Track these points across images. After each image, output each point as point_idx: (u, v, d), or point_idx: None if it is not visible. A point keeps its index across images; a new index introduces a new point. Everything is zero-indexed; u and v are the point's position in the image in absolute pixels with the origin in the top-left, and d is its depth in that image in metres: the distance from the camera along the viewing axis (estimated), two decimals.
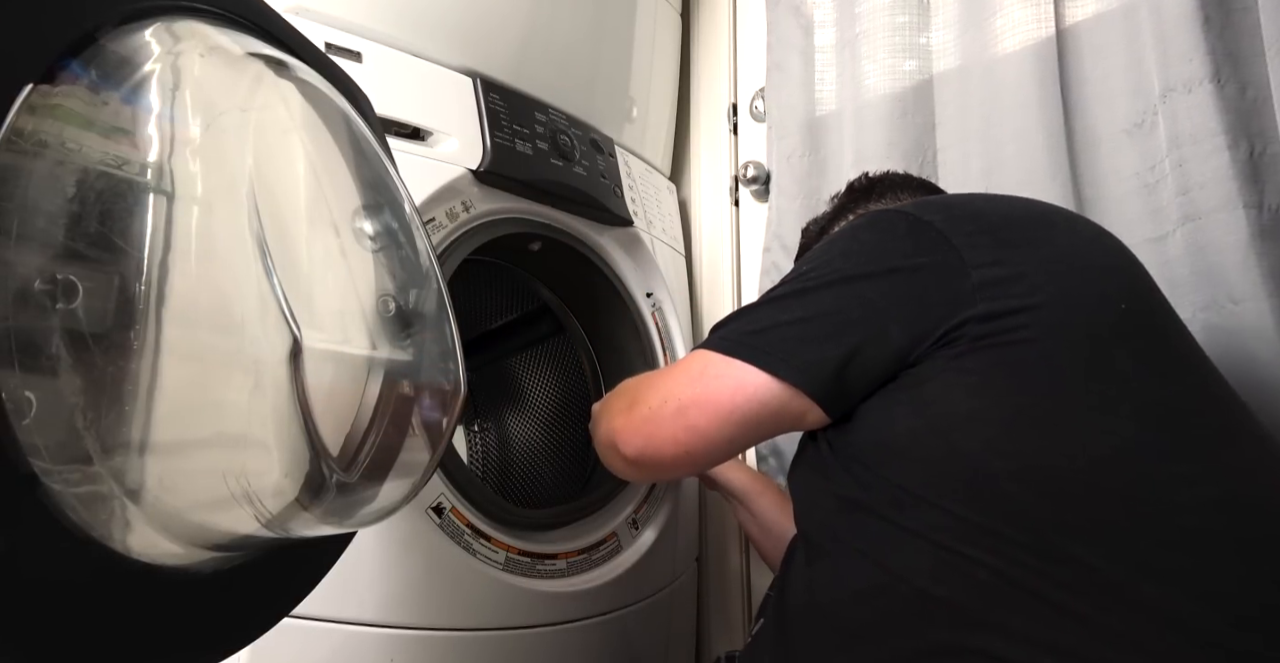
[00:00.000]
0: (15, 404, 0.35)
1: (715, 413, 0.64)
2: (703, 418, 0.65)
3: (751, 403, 0.63)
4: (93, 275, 0.39)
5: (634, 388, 0.73)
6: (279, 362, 0.47)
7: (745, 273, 1.34)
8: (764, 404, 0.63)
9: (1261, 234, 0.81)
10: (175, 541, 0.45)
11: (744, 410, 0.64)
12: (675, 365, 0.70)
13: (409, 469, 0.59)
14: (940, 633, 0.52)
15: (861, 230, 0.68)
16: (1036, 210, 0.69)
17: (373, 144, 0.61)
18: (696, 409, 0.65)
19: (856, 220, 0.72)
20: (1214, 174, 0.83)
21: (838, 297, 0.63)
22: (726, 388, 0.64)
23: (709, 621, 1.25)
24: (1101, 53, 0.96)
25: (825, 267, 0.65)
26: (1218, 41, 0.84)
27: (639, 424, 0.68)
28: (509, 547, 0.87)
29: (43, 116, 0.38)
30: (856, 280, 0.63)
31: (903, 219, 0.65)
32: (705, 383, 0.65)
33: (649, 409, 0.68)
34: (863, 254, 0.65)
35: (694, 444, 0.66)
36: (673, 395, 0.66)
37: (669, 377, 0.69)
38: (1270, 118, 0.82)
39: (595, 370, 1.18)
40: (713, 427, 0.65)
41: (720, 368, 0.64)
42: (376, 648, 0.76)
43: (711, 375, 0.65)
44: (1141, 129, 0.92)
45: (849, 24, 1.17)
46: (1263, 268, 0.80)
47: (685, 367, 0.68)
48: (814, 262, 0.67)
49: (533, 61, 1.04)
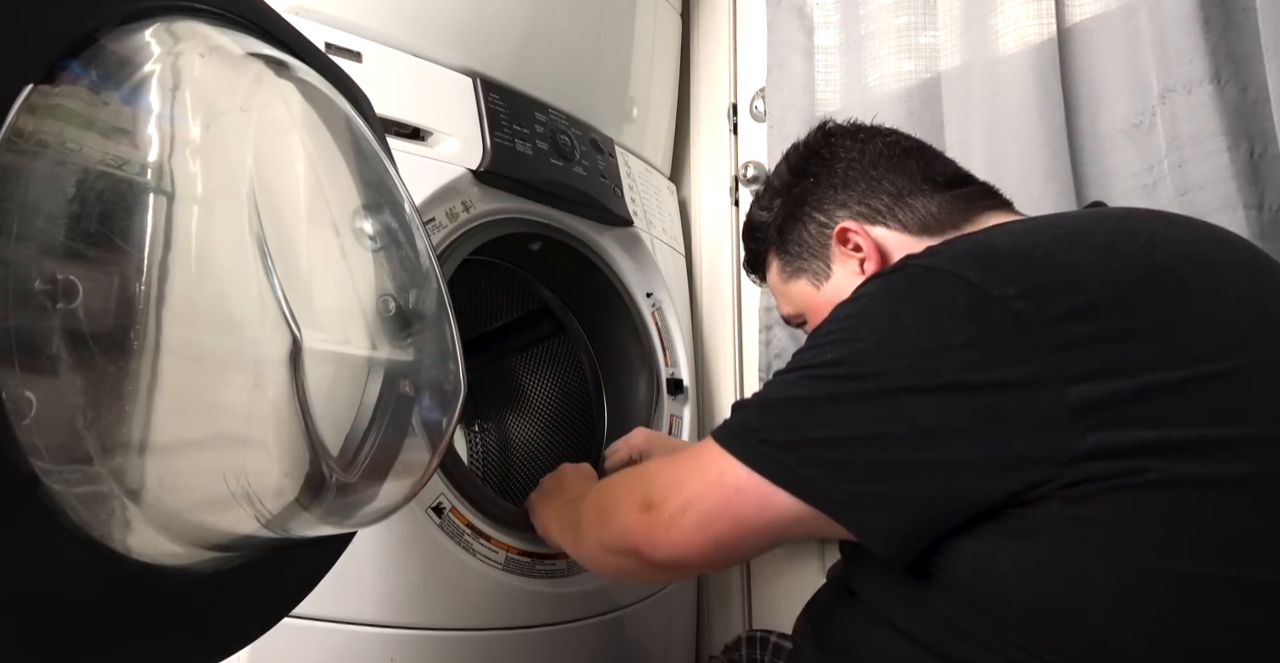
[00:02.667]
0: (15, 404, 0.35)
1: (743, 531, 0.56)
2: (730, 534, 0.56)
3: (785, 523, 0.54)
4: (93, 275, 0.39)
5: (639, 483, 0.64)
6: (279, 362, 0.47)
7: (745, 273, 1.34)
8: (802, 523, 0.54)
9: (1261, 235, 0.81)
10: (175, 540, 0.45)
11: (776, 529, 0.55)
12: (691, 457, 0.60)
13: (409, 469, 0.59)
14: None
15: (901, 304, 0.52)
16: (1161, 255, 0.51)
17: (373, 144, 0.61)
18: (722, 524, 0.56)
19: (889, 279, 0.54)
20: (1214, 175, 0.83)
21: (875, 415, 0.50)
22: (752, 506, 0.54)
23: (709, 621, 1.25)
24: (1102, 53, 0.96)
25: (854, 360, 0.52)
26: (1218, 42, 0.84)
27: (662, 528, 0.58)
28: (509, 547, 0.87)
29: (43, 117, 0.38)
30: (899, 395, 0.49)
31: (961, 290, 0.49)
32: (726, 495, 0.55)
33: (669, 515, 0.58)
34: (908, 353, 0.50)
35: (723, 555, 0.58)
36: (692, 502, 0.57)
37: (683, 474, 0.59)
38: (1270, 119, 0.82)
39: (595, 370, 1.18)
40: (744, 542, 0.57)
41: (741, 481, 0.54)
42: (376, 648, 0.76)
43: (731, 487, 0.55)
44: (1140, 129, 0.92)
45: (853, 25, 1.17)
46: None
47: (703, 468, 0.57)
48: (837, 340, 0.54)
49: (533, 61, 1.03)
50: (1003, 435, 0.46)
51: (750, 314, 1.29)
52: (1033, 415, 0.46)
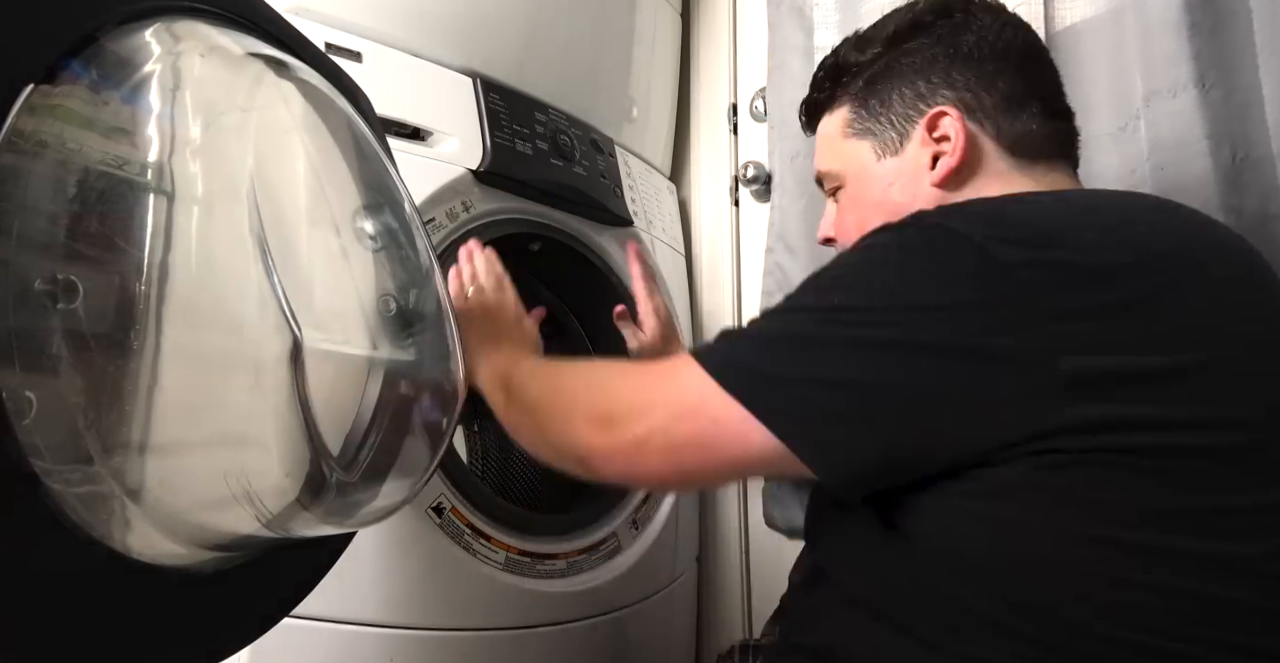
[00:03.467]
0: (16, 404, 0.35)
1: (709, 461, 0.55)
2: (695, 463, 0.55)
3: (752, 459, 0.53)
4: (93, 275, 0.39)
5: (602, 393, 0.61)
6: (279, 362, 0.47)
7: (745, 273, 1.34)
8: (767, 462, 0.53)
9: None
10: (176, 540, 0.45)
11: (743, 464, 0.54)
12: (663, 375, 0.58)
13: (409, 469, 0.59)
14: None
15: (911, 258, 0.52)
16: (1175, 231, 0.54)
17: (373, 144, 0.61)
18: (690, 452, 0.54)
19: (901, 232, 0.54)
20: (1195, 179, 0.83)
21: (876, 364, 0.50)
22: (726, 437, 0.53)
23: (709, 621, 1.25)
24: (1089, 57, 0.96)
25: (864, 308, 0.52)
26: (1204, 46, 0.84)
27: (622, 451, 0.57)
28: (509, 547, 0.87)
29: (43, 117, 0.38)
30: (901, 348, 0.49)
31: (971, 252, 0.49)
32: (700, 425, 0.53)
33: (633, 437, 0.56)
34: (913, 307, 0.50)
35: (680, 482, 0.58)
36: (661, 428, 0.55)
37: (655, 395, 0.57)
38: (1256, 123, 0.82)
39: None
40: (705, 472, 0.56)
41: (720, 410, 0.52)
42: (376, 648, 0.76)
43: (708, 417, 0.53)
44: (1125, 132, 0.92)
45: (852, 25, 1.16)
46: None
47: (679, 392, 0.55)
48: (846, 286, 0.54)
49: (533, 61, 1.03)
50: (991, 399, 0.47)
51: (750, 314, 1.29)
52: (1023, 382, 0.47)
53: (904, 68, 0.68)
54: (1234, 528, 0.47)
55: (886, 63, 0.70)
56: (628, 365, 0.64)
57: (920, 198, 0.65)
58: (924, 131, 0.66)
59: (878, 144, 0.69)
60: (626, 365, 0.65)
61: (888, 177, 0.68)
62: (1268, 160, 0.81)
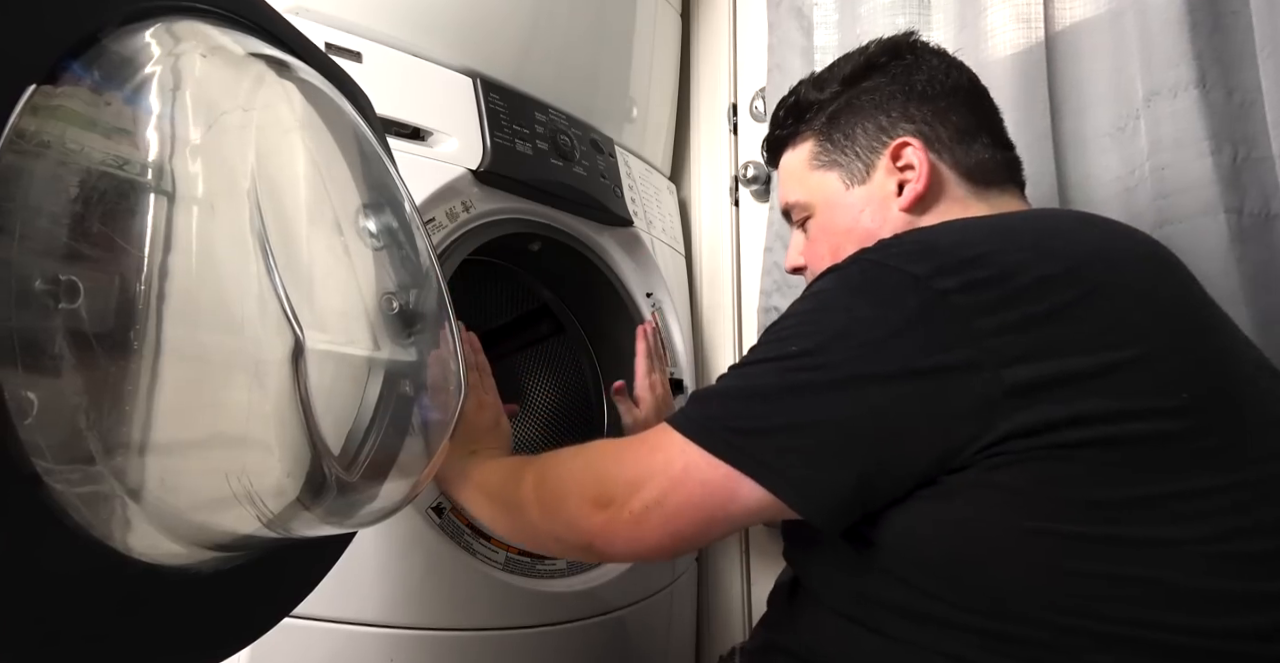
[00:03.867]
0: (17, 404, 0.35)
1: (705, 522, 0.57)
2: (693, 527, 0.57)
3: (748, 512, 0.56)
4: (94, 275, 0.39)
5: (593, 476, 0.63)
6: (280, 361, 0.47)
7: (745, 273, 1.34)
8: (760, 513, 0.56)
9: (1242, 238, 0.81)
10: (177, 540, 0.45)
11: (739, 518, 0.57)
12: (648, 449, 0.60)
13: (409, 469, 0.59)
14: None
15: (857, 298, 0.56)
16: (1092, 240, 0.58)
17: (373, 144, 0.61)
18: (686, 518, 0.57)
19: (844, 274, 0.58)
20: (1195, 179, 0.83)
21: (839, 403, 0.53)
22: (717, 497, 0.55)
23: (709, 621, 1.25)
24: (1089, 57, 0.96)
25: (818, 351, 0.55)
26: (1205, 46, 0.84)
27: (624, 529, 0.59)
28: (509, 547, 0.87)
29: (45, 117, 0.38)
30: (859, 383, 0.53)
31: (909, 285, 0.53)
32: (691, 489, 0.56)
33: (630, 514, 0.58)
34: (864, 343, 0.53)
35: (684, 548, 0.60)
36: (655, 500, 0.57)
37: (644, 469, 0.59)
38: (1257, 122, 0.82)
39: (595, 371, 1.18)
40: (706, 534, 0.58)
41: (706, 472, 0.55)
42: (376, 648, 0.76)
43: (696, 481, 0.56)
44: (1124, 133, 0.92)
45: (851, 25, 1.17)
46: (1242, 272, 0.80)
47: (665, 462, 0.58)
48: (800, 333, 0.57)
49: (533, 61, 1.04)
50: (946, 415, 0.51)
51: (750, 314, 1.29)
52: (972, 396, 0.50)
53: (864, 104, 0.74)
54: (1176, 514, 0.49)
55: (847, 99, 0.75)
56: (610, 444, 0.66)
57: (890, 222, 0.70)
58: (889, 161, 0.71)
59: (845, 174, 0.74)
60: (609, 445, 0.66)
61: (858, 204, 0.73)
62: (1268, 160, 0.81)
